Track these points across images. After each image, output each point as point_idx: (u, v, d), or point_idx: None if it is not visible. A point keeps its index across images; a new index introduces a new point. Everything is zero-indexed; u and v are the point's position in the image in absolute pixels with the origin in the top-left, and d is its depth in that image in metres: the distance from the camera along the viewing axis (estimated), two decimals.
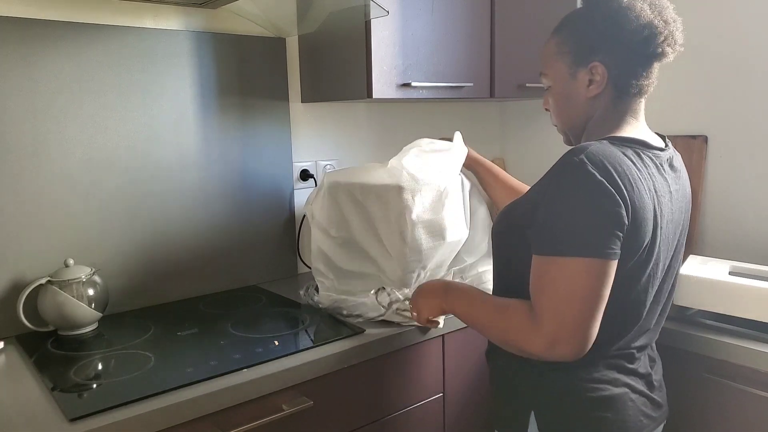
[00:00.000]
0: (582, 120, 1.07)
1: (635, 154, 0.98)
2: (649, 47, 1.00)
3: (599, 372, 1.01)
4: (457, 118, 2.20)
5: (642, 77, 1.02)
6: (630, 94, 1.03)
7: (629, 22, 0.98)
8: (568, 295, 0.90)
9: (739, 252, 1.74)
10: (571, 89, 1.05)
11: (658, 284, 1.02)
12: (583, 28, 1.03)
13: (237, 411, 1.09)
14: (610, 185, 0.89)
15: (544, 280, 0.93)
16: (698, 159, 1.82)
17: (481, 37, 1.78)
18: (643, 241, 0.94)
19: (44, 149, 1.36)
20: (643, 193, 0.93)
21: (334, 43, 1.63)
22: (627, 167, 0.93)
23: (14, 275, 1.34)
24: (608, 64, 1.01)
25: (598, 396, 0.99)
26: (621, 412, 1.00)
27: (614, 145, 0.97)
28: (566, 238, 0.90)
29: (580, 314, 0.90)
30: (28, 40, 1.32)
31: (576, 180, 0.91)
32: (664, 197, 0.98)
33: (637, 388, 1.03)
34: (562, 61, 1.05)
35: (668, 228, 1.00)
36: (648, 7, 0.99)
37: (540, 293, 0.93)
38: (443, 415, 1.45)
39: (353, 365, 1.25)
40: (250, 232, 1.71)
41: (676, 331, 1.33)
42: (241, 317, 1.43)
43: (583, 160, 0.91)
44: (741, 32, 1.71)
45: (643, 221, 0.92)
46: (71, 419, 0.95)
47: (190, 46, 1.54)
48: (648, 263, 0.97)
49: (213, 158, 1.61)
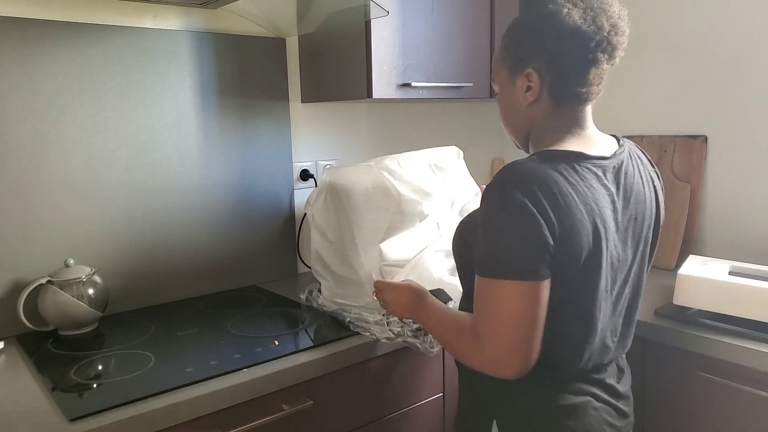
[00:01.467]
0: (524, 126, 1.06)
1: (569, 167, 0.94)
2: (579, 53, 0.97)
3: (558, 382, 0.99)
4: (457, 118, 2.20)
5: (578, 84, 0.99)
6: (567, 101, 1.01)
7: (554, 27, 0.96)
8: (504, 317, 0.90)
9: (739, 252, 1.74)
10: (512, 96, 1.05)
11: (615, 297, 1.00)
12: (518, 36, 1.02)
13: (237, 411, 1.09)
14: (532, 205, 0.88)
15: (482, 301, 0.93)
16: (698, 159, 1.82)
17: (481, 37, 1.78)
18: (579, 256, 0.92)
19: (44, 149, 1.36)
20: (573, 208, 0.90)
21: (334, 43, 1.63)
22: (554, 184, 0.91)
23: (14, 275, 1.34)
24: (541, 71, 0.99)
25: (560, 405, 0.98)
26: (583, 420, 0.98)
27: (545, 161, 0.94)
28: (495, 261, 0.91)
29: (516, 335, 0.90)
30: (28, 40, 1.32)
31: (500, 200, 0.91)
32: (606, 208, 0.95)
33: (602, 397, 1.02)
34: (503, 68, 1.05)
35: (616, 238, 0.97)
36: (578, 12, 0.95)
37: (480, 314, 0.94)
38: (443, 415, 1.45)
39: (353, 365, 1.25)
40: (250, 232, 1.71)
41: (676, 331, 1.33)
42: (241, 317, 1.43)
43: (506, 180, 0.91)
44: (741, 32, 1.71)
45: (576, 236, 0.90)
46: (71, 419, 0.95)
47: (190, 46, 1.54)
48: (595, 278, 0.95)
49: (213, 158, 1.61)
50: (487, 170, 2.37)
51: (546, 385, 0.99)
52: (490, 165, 2.37)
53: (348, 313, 1.35)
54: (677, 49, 1.85)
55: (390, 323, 1.28)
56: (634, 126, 1.97)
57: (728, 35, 1.74)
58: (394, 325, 1.28)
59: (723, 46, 1.75)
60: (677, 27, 1.84)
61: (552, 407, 0.98)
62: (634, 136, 1.95)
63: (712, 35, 1.77)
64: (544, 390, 0.99)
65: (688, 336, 1.31)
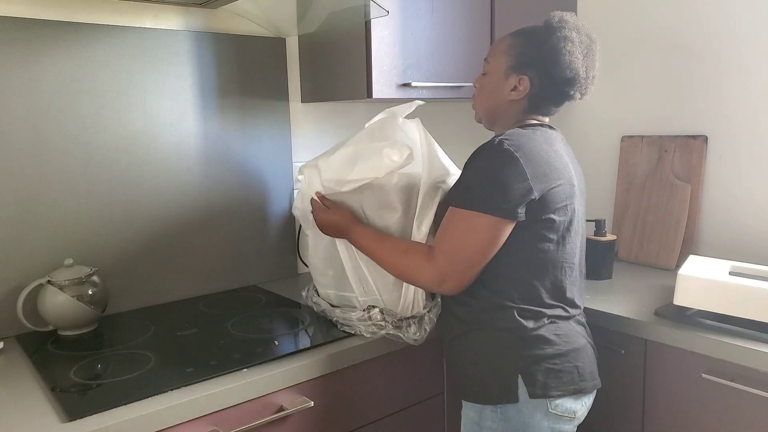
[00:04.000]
0: (495, 114, 1.24)
1: (543, 134, 1.16)
2: (567, 88, 1.18)
3: (565, 328, 1.16)
4: (457, 118, 2.20)
5: (553, 105, 1.22)
6: (539, 111, 1.22)
7: (563, 64, 1.15)
8: (463, 242, 1.09)
9: (739, 252, 1.74)
10: (499, 85, 1.21)
11: (582, 238, 1.22)
12: (529, 44, 1.18)
13: (237, 411, 1.09)
14: (524, 163, 1.06)
15: (448, 226, 1.12)
16: (698, 159, 1.82)
17: (481, 37, 1.78)
18: (563, 198, 1.11)
19: (44, 149, 1.36)
20: (554, 162, 1.11)
21: (334, 43, 1.63)
22: (538, 143, 1.11)
23: (14, 275, 1.34)
24: (533, 83, 1.18)
25: (570, 348, 1.14)
26: (585, 360, 1.17)
27: (525, 128, 1.17)
28: (474, 196, 1.09)
29: (468, 258, 1.10)
30: (28, 40, 1.32)
31: (494, 153, 1.09)
32: (574, 166, 1.20)
33: (588, 340, 1.21)
34: (504, 60, 1.20)
35: (580, 190, 1.20)
36: (580, 59, 1.16)
37: (442, 236, 1.13)
38: (443, 415, 1.45)
39: (353, 365, 1.25)
40: (250, 232, 1.71)
41: (675, 331, 1.33)
42: (241, 317, 1.43)
43: (503, 141, 1.09)
44: (741, 32, 1.71)
45: (559, 184, 1.10)
46: (71, 419, 0.95)
47: (190, 46, 1.54)
48: (573, 217, 1.15)
49: (213, 158, 1.61)
50: None
51: (552, 326, 1.15)
52: None
53: (334, 313, 1.35)
54: (677, 49, 1.85)
55: (371, 317, 1.28)
56: (634, 126, 1.97)
57: (728, 35, 1.74)
58: (376, 318, 1.28)
59: (723, 46, 1.75)
60: (677, 27, 1.84)
61: (566, 351, 1.14)
62: (634, 136, 1.95)
63: (712, 35, 1.77)
64: (555, 335, 1.14)
65: (688, 336, 1.31)
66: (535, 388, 1.10)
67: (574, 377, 1.13)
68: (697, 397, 1.33)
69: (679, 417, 1.36)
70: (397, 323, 1.27)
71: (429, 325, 1.28)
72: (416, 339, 1.26)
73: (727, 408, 1.28)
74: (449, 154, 1.37)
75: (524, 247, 1.12)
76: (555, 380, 1.11)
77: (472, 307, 1.17)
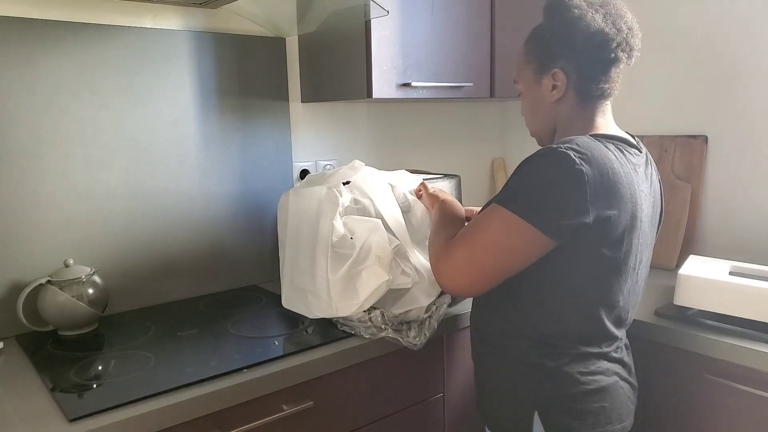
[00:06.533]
0: (550, 123, 1.14)
1: (617, 149, 1.03)
2: (602, 53, 1.06)
3: (593, 364, 1.06)
4: (457, 118, 2.20)
5: (601, 81, 1.09)
6: (593, 97, 1.10)
7: (581, 31, 1.05)
8: (491, 241, 0.99)
9: (739, 252, 1.74)
10: (538, 95, 1.13)
11: (636, 276, 1.08)
12: (544, 39, 1.11)
13: (237, 411, 1.09)
14: (587, 175, 0.94)
15: (482, 219, 1.02)
16: (698, 159, 1.82)
17: (481, 37, 1.78)
18: (619, 232, 0.99)
19: (44, 149, 1.36)
20: (621, 188, 0.98)
21: (334, 43, 1.63)
22: (609, 161, 0.98)
23: (14, 275, 1.34)
24: (567, 70, 1.08)
25: (595, 387, 1.04)
26: (615, 400, 1.06)
27: (597, 140, 1.02)
28: (522, 199, 0.97)
29: (488, 260, 1.00)
30: (28, 40, 1.32)
31: (555, 161, 0.96)
32: (643, 192, 1.05)
33: (623, 375, 1.10)
34: (528, 69, 1.14)
35: (646, 223, 1.06)
36: (600, 17, 1.06)
37: (470, 228, 1.04)
38: (443, 415, 1.45)
39: (353, 365, 1.25)
40: (250, 231, 1.71)
41: (676, 331, 1.33)
42: (241, 317, 1.43)
43: (568, 148, 0.96)
44: (741, 33, 1.71)
45: (619, 213, 0.98)
46: (71, 419, 0.95)
47: (190, 46, 1.54)
48: (628, 254, 1.03)
49: (213, 158, 1.61)
50: (487, 170, 2.37)
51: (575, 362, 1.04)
52: (490, 165, 2.37)
53: None
54: (677, 49, 1.85)
55: (372, 319, 1.28)
56: (634, 126, 1.97)
57: (729, 35, 1.74)
58: (376, 320, 1.28)
59: (723, 46, 1.75)
60: (678, 27, 1.84)
61: (588, 391, 1.04)
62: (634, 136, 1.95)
63: (712, 35, 1.77)
64: (579, 372, 1.04)
65: (689, 336, 1.31)
66: (555, 429, 1.03)
67: (600, 419, 1.04)
68: (697, 397, 1.33)
69: (678, 416, 1.36)
70: (397, 326, 1.27)
71: (429, 331, 1.27)
72: (416, 343, 1.25)
73: (727, 408, 1.28)
74: (449, 154, 1.38)
75: (560, 275, 1.01)
76: (577, 421, 1.03)
77: (494, 328, 1.10)
